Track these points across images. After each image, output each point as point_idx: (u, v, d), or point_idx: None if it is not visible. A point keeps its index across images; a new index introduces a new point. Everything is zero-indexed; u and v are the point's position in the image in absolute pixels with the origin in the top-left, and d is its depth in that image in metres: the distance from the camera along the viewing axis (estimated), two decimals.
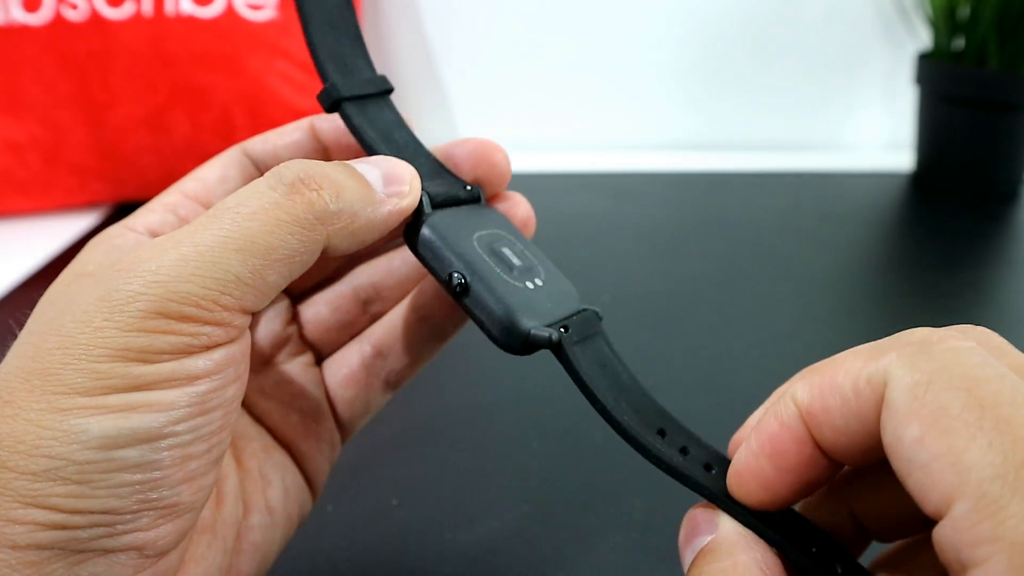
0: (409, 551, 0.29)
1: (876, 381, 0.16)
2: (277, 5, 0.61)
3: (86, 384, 0.15)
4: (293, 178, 0.18)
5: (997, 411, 0.14)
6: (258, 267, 0.17)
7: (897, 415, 0.15)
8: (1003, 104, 0.63)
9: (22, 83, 0.59)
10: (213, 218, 0.17)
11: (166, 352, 0.16)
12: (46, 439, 0.15)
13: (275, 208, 0.17)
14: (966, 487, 0.13)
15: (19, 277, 0.53)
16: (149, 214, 0.22)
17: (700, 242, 0.57)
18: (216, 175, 0.23)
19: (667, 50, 0.78)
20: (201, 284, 0.16)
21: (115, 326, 0.16)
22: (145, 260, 0.16)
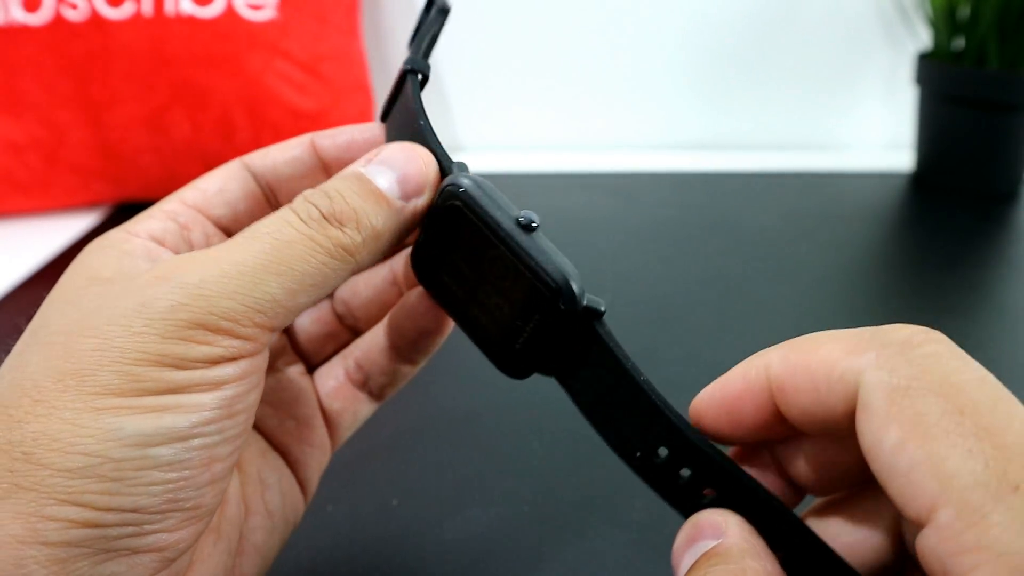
0: (409, 551, 0.29)
1: (849, 379, 0.16)
2: (277, 5, 0.61)
3: (121, 385, 0.16)
4: (319, 215, 0.19)
5: (977, 418, 0.14)
6: (293, 290, 0.18)
7: (876, 419, 0.15)
8: (1003, 104, 0.63)
9: (22, 83, 0.59)
10: (251, 240, 0.18)
11: (199, 360, 0.17)
12: (82, 437, 0.16)
13: (309, 240, 0.18)
14: (949, 495, 0.13)
15: (19, 277, 0.53)
16: (150, 220, 0.22)
17: (700, 242, 0.57)
18: (215, 187, 0.23)
19: (667, 50, 0.78)
20: (241, 301, 0.17)
21: (155, 332, 0.16)
22: (187, 272, 0.17)
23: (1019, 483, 0.13)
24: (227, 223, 0.23)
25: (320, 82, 0.63)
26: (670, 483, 0.19)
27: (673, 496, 0.19)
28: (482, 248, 0.20)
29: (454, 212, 0.20)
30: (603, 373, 0.20)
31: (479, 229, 0.20)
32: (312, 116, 0.62)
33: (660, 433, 0.19)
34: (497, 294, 0.20)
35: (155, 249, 0.21)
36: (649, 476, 0.20)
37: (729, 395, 0.18)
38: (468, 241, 0.20)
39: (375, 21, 0.76)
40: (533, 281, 0.19)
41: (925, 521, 0.14)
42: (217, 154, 0.61)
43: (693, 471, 0.19)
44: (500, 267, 0.20)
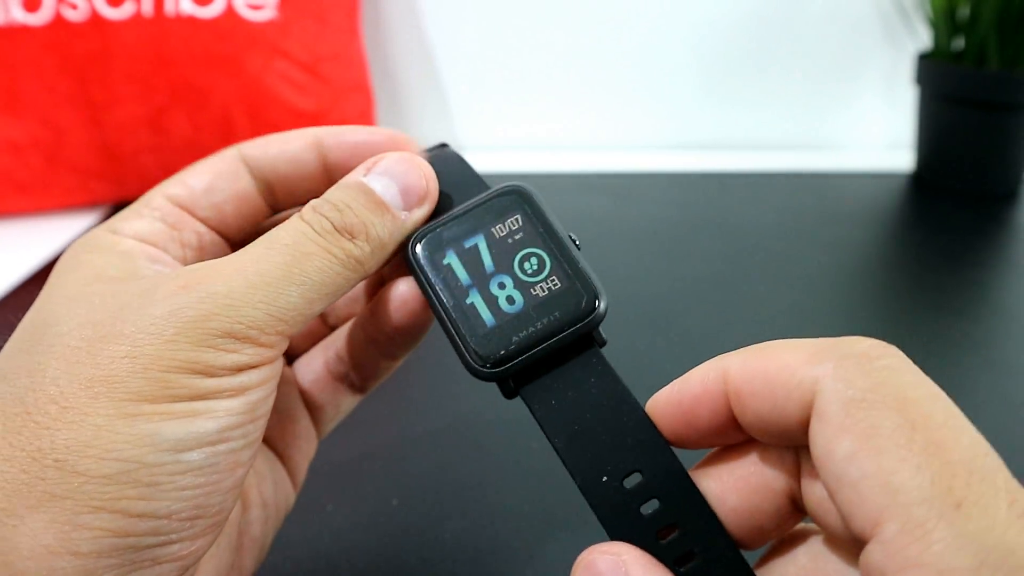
0: (409, 551, 0.29)
1: (806, 387, 0.16)
2: (277, 5, 0.61)
3: (154, 392, 0.16)
4: (332, 227, 0.20)
5: (928, 433, 0.14)
6: (311, 299, 0.19)
7: (829, 428, 0.15)
8: (1003, 104, 0.63)
9: (22, 83, 0.59)
10: (271, 251, 0.19)
11: (226, 367, 0.17)
12: (118, 443, 0.16)
13: (325, 253, 0.19)
14: (894, 509, 0.13)
15: (19, 277, 0.53)
16: (136, 219, 0.22)
17: (700, 242, 0.57)
18: (203, 184, 0.23)
19: (667, 51, 0.78)
20: (266, 311, 0.18)
21: (188, 341, 0.17)
22: (214, 283, 0.18)
23: (962, 500, 0.13)
24: (215, 224, 0.23)
25: (320, 82, 0.63)
26: (627, 515, 0.18)
27: (625, 530, 0.18)
28: (526, 243, 0.20)
29: (513, 198, 0.21)
30: (591, 389, 0.19)
31: (531, 224, 0.21)
32: (312, 116, 0.62)
33: (642, 458, 0.19)
34: (519, 289, 0.20)
35: (149, 251, 0.21)
36: (606, 504, 0.18)
37: (686, 397, 0.18)
38: (509, 233, 0.21)
39: (375, 21, 0.76)
40: (578, 290, 0.20)
41: (870, 535, 0.14)
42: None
43: (663, 505, 0.18)
44: (538, 266, 0.20)
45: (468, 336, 0.20)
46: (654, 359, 0.41)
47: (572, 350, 0.20)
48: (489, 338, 0.20)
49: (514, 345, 0.20)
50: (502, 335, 0.20)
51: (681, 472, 0.18)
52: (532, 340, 0.20)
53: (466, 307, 0.20)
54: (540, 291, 0.20)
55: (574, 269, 0.20)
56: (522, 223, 0.21)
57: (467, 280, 0.20)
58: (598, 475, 0.19)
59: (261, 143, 0.24)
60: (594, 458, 0.19)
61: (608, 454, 0.19)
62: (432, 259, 0.21)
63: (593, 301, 0.20)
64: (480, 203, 0.21)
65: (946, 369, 0.41)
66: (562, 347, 0.20)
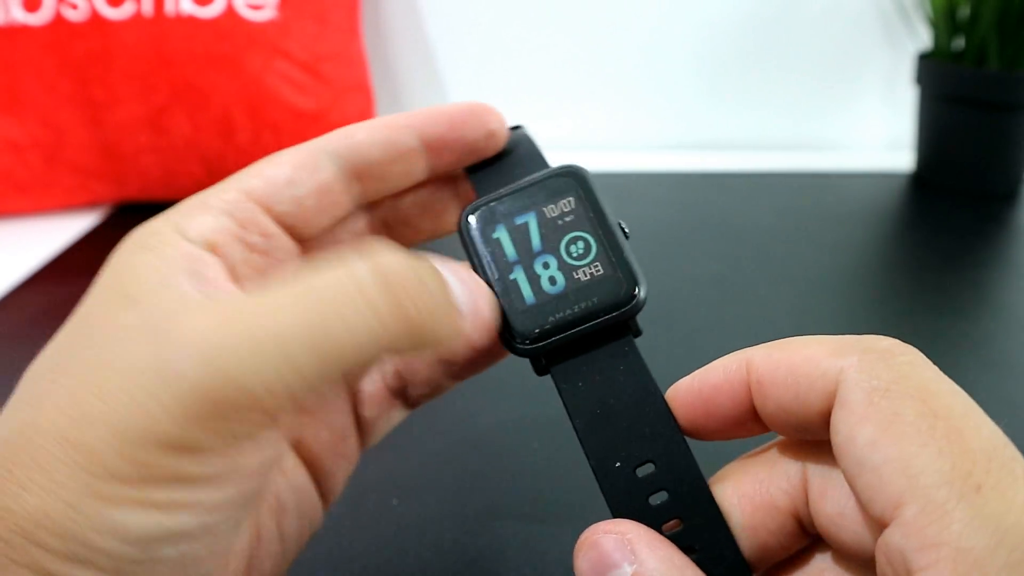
0: (409, 551, 0.29)
1: (830, 378, 0.16)
2: (277, 5, 0.61)
3: (131, 473, 0.14)
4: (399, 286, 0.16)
5: (949, 422, 0.14)
6: (332, 373, 0.16)
7: (852, 416, 0.15)
8: (1003, 104, 0.63)
9: (22, 83, 0.59)
10: (301, 305, 0.15)
11: (216, 445, 0.15)
12: (83, 527, 0.14)
13: (371, 315, 0.16)
14: (915, 492, 0.14)
15: (19, 277, 0.53)
16: (205, 214, 0.19)
17: (700, 242, 0.57)
18: (284, 176, 0.21)
19: (667, 51, 0.78)
20: (270, 384, 0.15)
21: (170, 416, 0.14)
22: (212, 339, 0.15)
23: (981, 484, 0.13)
24: (293, 219, 0.21)
25: (320, 82, 0.63)
26: (635, 502, 0.18)
27: (630, 515, 0.18)
28: (575, 226, 0.21)
29: (568, 180, 0.21)
30: (618, 376, 0.20)
31: (583, 207, 0.21)
32: (312, 116, 0.62)
33: (657, 449, 0.19)
34: (562, 271, 0.20)
35: (202, 259, 0.19)
36: (616, 488, 0.19)
37: (707, 386, 0.19)
38: (560, 214, 0.21)
39: (375, 21, 0.76)
40: (619, 278, 0.20)
41: (890, 518, 0.14)
42: (217, 154, 0.61)
43: (671, 498, 0.18)
44: (584, 250, 0.21)
45: (508, 311, 0.20)
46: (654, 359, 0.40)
47: (606, 336, 0.20)
48: (528, 315, 0.20)
49: (550, 325, 0.20)
50: (540, 314, 0.20)
51: (694, 469, 0.19)
52: (568, 322, 0.20)
53: (509, 282, 0.21)
54: (582, 275, 0.20)
55: (618, 257, 0.21)
56: (574, 206, 0.21)
57: (514, 256, 0.21)
58: (612, 460, 0.19)
59: (343, 132, 0.22)
60: (611, 443, 0.19)
61: (625, 441, 0.19)
62: (483, 231, 0.21)
63: (632, 290, 0.20)
64: (536, 181, 0.22)
65: (946, 369, 0.41)
66: (596, 332, 0.20)
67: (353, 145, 0.22)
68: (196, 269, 0.18)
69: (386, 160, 0.22)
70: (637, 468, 0.19)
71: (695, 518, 0.18)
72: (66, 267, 0.55)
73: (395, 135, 0.22)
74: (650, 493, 0.18)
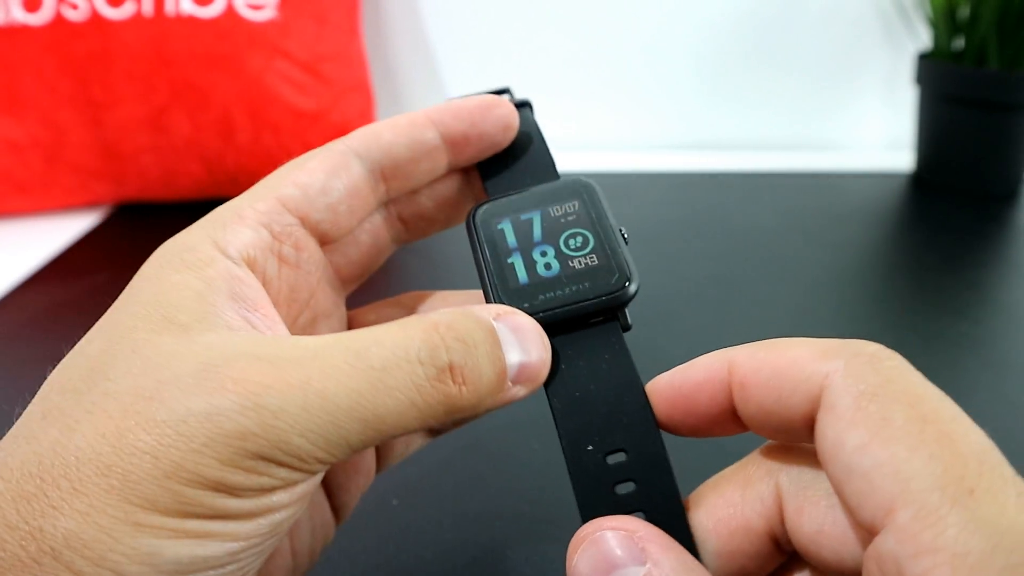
0: (409, 551, 0.29)
1: (815, 382, 0.16)
2: (277, 5, 0.61)
3: (168, 504, 0.15)
4: (446, 364, 0.17)
5: (938, 426, 0.14)
6: (371, 439, 0.16)
7: (840, 421, 0.15)
8: (1003, 104, 0.63)
9: (22, 83, 0.59)
10: (351, 368, 0.16)
11: (254, 489, 0.16)
12: (116, 553, 0.14)
13: (416, 392, 0.16)
14: (908, 496, 0.14)
15: (19, 277, 0.53)
16: (242, 228, 0.20)
17: (700, 242, 0.57)
18: (319, 184, 0.21)
19: (667, 50, 0.78)
20: (314, 442, 0.16)
21: (215, 457, 0.15)
22: (266, 391, 0.15)
23: (974, 487, 0.13)
24: (325, 227, 0.21)
25: (320, 82, 0.63)
26: (600, 488, 0.18)
27: (593, 501, 0.18)
28: (576, 224, 0.22)
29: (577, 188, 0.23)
30: (602, 364, 0.20)
31: (586, 210, 0.22)
32: (312, 116, 0.62)
33: (632, 440, 0.19)
34: (558, 259, 0.21)
35: (241, 279, 0.19)
36: (584, 472, 0.19)
37: (688, 382, 0.18)
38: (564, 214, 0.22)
39: (375, 21, 0.76)
40: (612, 268, 0.21)
41: (881, 525, 0.14)
42: (217, 154, 0.61)
43: (637, 489, 0.18)
44: (581, 243, 0.21)
45: (499, 287, 0.21)
46: (654, 358, 0.40)
47: (594, 322, 0.21)
48: (518, 292, 0.21)
49: (539, 302, 0.20)
50: (531, 292, 0.21)
51: (664, 465, 0.19)
52: (557, 302, 0.20)
53: (505, 264, 0.21)
54: (577, 264, 0.21)
55: (614, 252, 0.21)
56: (578, 208, 0.22)
57: (513, 244, 0.22)
58: (585, 443, 0.19)
59: (368, 132, 0.22)
60: (585, 426, 0.19)
61: (600, 427, 0.19)
62: (488, 222, 0.22)
63: (624, 281, 0.21)
64: (546, 189, 0.23)
65: (946, 369, 0.41)
66: (584, 314, 0.20)
67: (381, 146, 0.22)
68: (237, 291, 0.18)
69: (412, 159, 0.22)
70: (608, 455, 0.19)
71: (658, 514, 0.18)
72: (66, 267, 0.55)
73: (420, 134, 0.22)
74: (617, 482, 0.18)
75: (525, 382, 0.19)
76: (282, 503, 0.16)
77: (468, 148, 0.23)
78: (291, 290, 0.21)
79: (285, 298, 0.21)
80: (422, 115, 0.22)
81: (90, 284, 0.52)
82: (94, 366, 0.17)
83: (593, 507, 0.18)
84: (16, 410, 0.17)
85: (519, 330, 0.19)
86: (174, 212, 0.60)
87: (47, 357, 0.19)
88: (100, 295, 0.49)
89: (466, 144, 0.23)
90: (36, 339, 0.44)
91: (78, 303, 0.49)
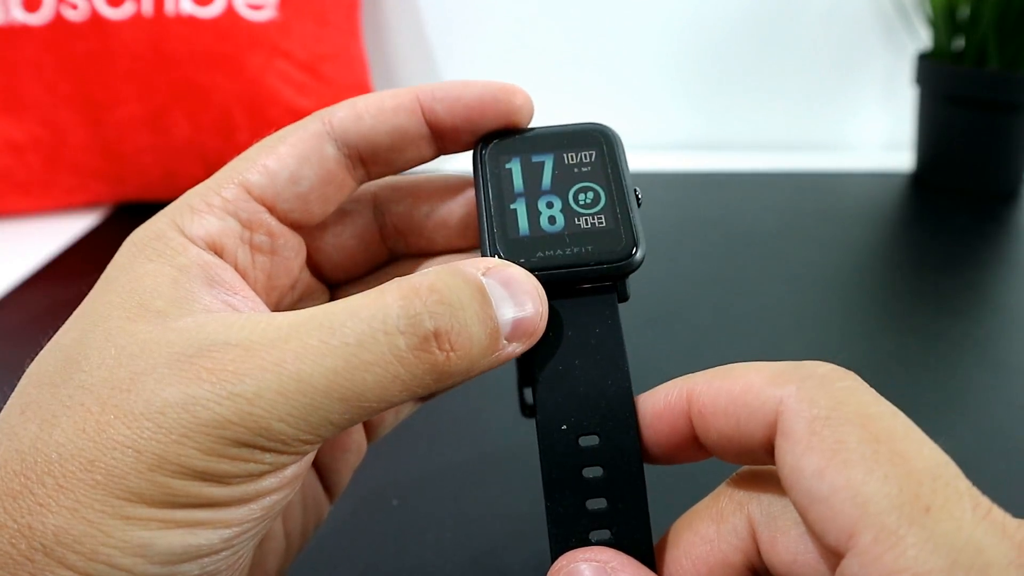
0: (409, 551, 0.29)
1: (770, 408, 0.16)
2: (277, 5, 0.61)
3: (155, 496, 0.15)
4: (430, 332, 0.16)
5: (891, 445, 0.14)
6: (356, 416, 0.16)
7: (797, 447, 0.15)
8: (1003, 104, 0.63)
9: (22, 83, 0.59)
10: (325, 347, 0.15)
11: (240, 476, 0.15)
12: (107, 546, 0.14)
13: (397, 364, 0.16)
14: (867, 520, 0.14)
15: (19, 277, 0.53)
16: (208, 216, 0.19)
17: (700, 242, 0.57)
18: (287, 172, 0.20)
19: (667, 50, 0.78)
20: (295, 426, 0.15)
21: (196, 447, 0.15)
22: (242, 377, 0.15)
23: (929, 505, 0.14)
24: (296, 216, 0.20)
25: (320, 82, 0.63)
26: (567, 470, 0.18)
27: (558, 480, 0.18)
28: (590, 177, 0.20)
29: (597, 135, 0.21)
30: (591, 339, 0.19)
31: (602, 163, 0.21)
32: None
33: (607, 425, 0.18)
34: (564, 214, 0.20)
35: (210, 266, 0.18)
36: (553, 451, 0.18)
37: (648, 412, 0.18)
38: (578, 163, 0.21)
39: (375, 21, 0.76)
40: (620, 234, 0.19)
41: (845, 548, 0.14)
42: (217, 154, 0.61)
43: (605, 474, 0.18)
44: (591, 201, 0.20)
45: (498, 236, 0.20)
46: (653, 358, 0.41)
47: (592, 289, 0.19)
48: (517, 244, 0.19)
49: (536, 259, 0.19)
50: (531, 247, 0.19)
51: (635, 455, 0.18)
52: (556, 262, 0.19)
53: (507, 211, 0.20)
54: (583, 223, 0.20)
55: (624, 215, 0.20)
56: (594, 159, 0.21)
57: (520, 189, 0.20)
58: (560, 422, 0.19)
59: (350, 113, 0.20)
60: (563, 404, 0.19)
61: (578, 406, 0.19)
62: (496, 159, 0.21)
63: (630, 249, 0.19)
64: (565, 129, 0.22)
65: (946, 369, 0.41)
66: (582, 279, 0.19)
67: (361, 131, 0.20)
68: (214, 276, 0.18)
69: (393, 148, 0.21)
70: (581, 437, 0.18)
71: (620, 501, 0.18)
72: (66, 267, 0.55)
73: (404, 122, 0.21)
74: (586, 464, 0.18)
75: (521, 338, 0.18)
76: (272, 487, 0.16)
77: (458, 143, 0.22)
78: (268, 277, 0.21)
79: (263, 285, 0.20)
80: (412, 98, 0.21)
81: (90, 284, 0.51)
82: (69, 356, 0.16)
83: (558, 485, 0.18)
84: None
85: (512, 283, 0.18)
86: None
87: None
88: None
89: (459, 135, 0.21)
90: (36, 339, 0.44)
91: (78, 303, 0.49)
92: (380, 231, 0.24)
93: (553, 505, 0.18)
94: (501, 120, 0.21)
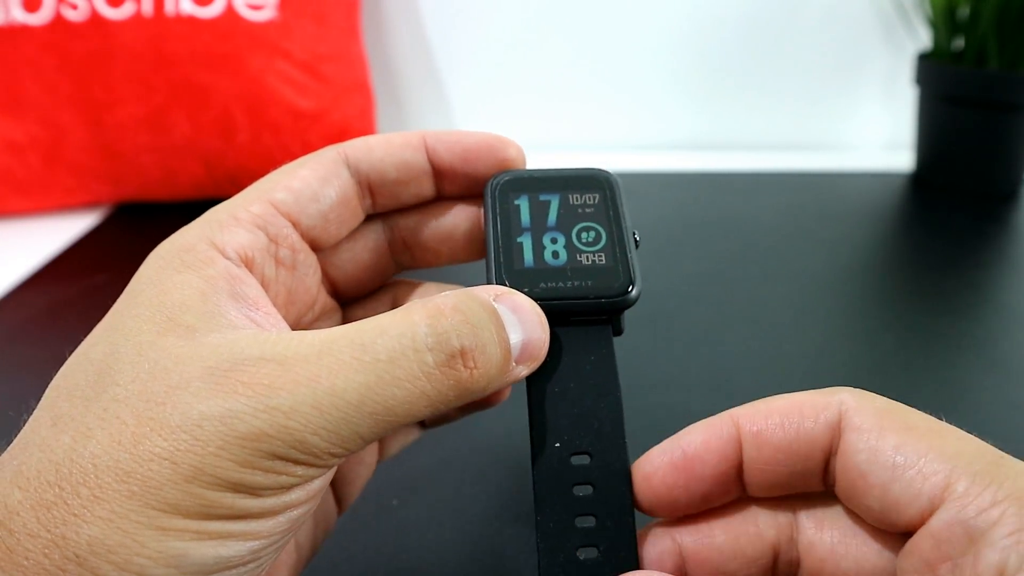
0: (409, 551, 0.29)
1: (833, 409, 0.18)
2: (277, 5, 0.61)
3: (190, 507, 0.15)
4: (457, 350, 0.17)
5: (948, 429, 0.17)
6: (383, 430, 0.17)
7: (870, 433, 0.17)
8: (1003, 104, 0.63)
9: (22, 83, 0.59)
10: (358, 363, 0.16)
11: (272, 488, 0.16)
12: (141, 556, 0.15)
13: (425, 380, 0.17)
14: (959, 469, 0.16)
15: (19, 277, 0.53)
16: (238, 229, 0.20)
17: (700, 242, 0.57)
18: (310, 191, 0.21)
19: (667, 50, 0.78)
20: (327, 439, 0.16)
21: (233, 459, 0.15)
22: (276, 391, 0.16)
23: (999, 459, 0.16)
24: (317, 233, 0.22)
25: (320, 82, 0.63)
26: (559, 486, 0.19)
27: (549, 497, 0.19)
28: (592, 218, 0.22)
29: (600, 180, 0.23)
30: (586, 365, 0.20)
31: (604, 206, 0.22)
32: (312, 116, 0.62)
33: (598, 445, 0.19)
34: (567, 250, 0.21)
35: (241, 279, 0.19)
36: (546, 467, 0.19)
37: (690, 446, 0.19)
38: (582, 204, 0.22)
39: (375, 21, 0.76)
40: (618, 271, 0.21)
41: (938, 502, 0.16)
42: (217, 154, 0.61)
43: (595, 493, 0.19)
44: (593, 240, 0.21)
45: (504, 266, 0.21)
46: (653, 358, 0.41)
47: (588, 321, 0.21)
48: (521, 275, 0.21)
49: (539, 290, 0.20)
50: (535, 278, 0.21)
51: (624, 475, 0.19)
52: (557, 294, 0.20)
53: (514, 243, 0.21)
54: (584, 259, 0.21)
55: (623, 255, 0.21)
56: (597, 202, 0.23)
57: (527, 224, 0.22)
58: (553, 439, 0.19)
59: (363, 145, 0.22)
60: (557, 423, 0.19)
61: (571, 427, 0.19)
62: (506, 195, 0.22)
63: (627, 286, 0.21)
64: (570, 173, 0.23)
65: (946, 369, 0.41)
66: (581, 311, 0.20)
67: (372, 161, 0.22)
68: (238, 291, 0.19)
69: (399, 181, 0.23)
70: (573, 456, 0.19)
71: (609, 519, 0.19)
72: (66, 267, 0.55)
73: (411, 157, 0.22)
74: (576, 483, 0.19)
75: (527, 361, 0.19)
76: (300, 499, 0.17)
77: (458, 180, 0.23)
78: (289, 292, 0.22)
79: (284, 300, 0.21)
80: (419, 138, 0.23)
81: (90, 284, 0.52)
82: (101, 370, 0.17)
83: (548, 501, 0.19)
84: (23, 416, 0.17)
85: (519, 310, 0.19)
86: (174, 212, 0.60)
87: (48, 357, 0.19)
88: (100, 295, 0.49)
89: (455, 177, 0.23)
90: (36, 339, 0.44)
91: (78, 303, 0.49)
92: (389, 245, 0.25)
93: (544, 520, 0.19)
94: (495, 167, 0.23)
